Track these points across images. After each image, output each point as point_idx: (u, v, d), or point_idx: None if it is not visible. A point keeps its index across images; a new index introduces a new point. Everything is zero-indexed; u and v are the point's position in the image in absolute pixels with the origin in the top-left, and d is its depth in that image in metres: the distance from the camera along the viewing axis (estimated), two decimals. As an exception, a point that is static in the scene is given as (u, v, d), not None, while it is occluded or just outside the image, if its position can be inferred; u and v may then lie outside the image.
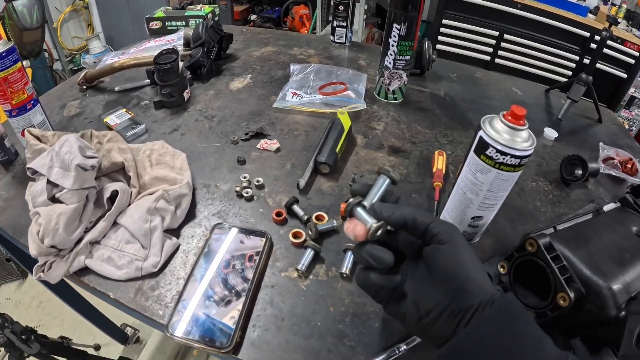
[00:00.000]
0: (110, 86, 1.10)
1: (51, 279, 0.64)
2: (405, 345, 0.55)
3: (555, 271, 0.50)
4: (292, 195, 0.77)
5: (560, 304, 0.49)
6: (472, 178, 0.61)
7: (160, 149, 0.78)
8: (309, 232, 0.71)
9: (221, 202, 0.77)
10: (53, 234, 0.62)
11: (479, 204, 0.63)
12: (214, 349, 0.55)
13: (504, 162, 0.56)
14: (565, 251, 0.53)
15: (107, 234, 0.67)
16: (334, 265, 0.68)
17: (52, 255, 0.64)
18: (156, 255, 0.65)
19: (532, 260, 0.53)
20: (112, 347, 1.61)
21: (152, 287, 0.63)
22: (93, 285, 0.63)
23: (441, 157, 0.87)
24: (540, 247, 0.52)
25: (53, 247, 0.63)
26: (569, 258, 0.52)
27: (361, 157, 0.90)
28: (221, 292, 0.60)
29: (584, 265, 0.52)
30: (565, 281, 0.50)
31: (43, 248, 0.62)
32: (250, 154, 0.88)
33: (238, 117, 0.99)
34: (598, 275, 0.51)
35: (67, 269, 0.64)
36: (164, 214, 0.69)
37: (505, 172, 0.57)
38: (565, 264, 0.51)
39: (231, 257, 0.65)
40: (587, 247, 0.54)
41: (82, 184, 0.65)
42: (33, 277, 0.65)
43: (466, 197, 0.63)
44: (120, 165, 0.72)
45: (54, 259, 0.64)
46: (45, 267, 0.64)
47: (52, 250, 0.63)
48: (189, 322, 0.57)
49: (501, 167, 0.57)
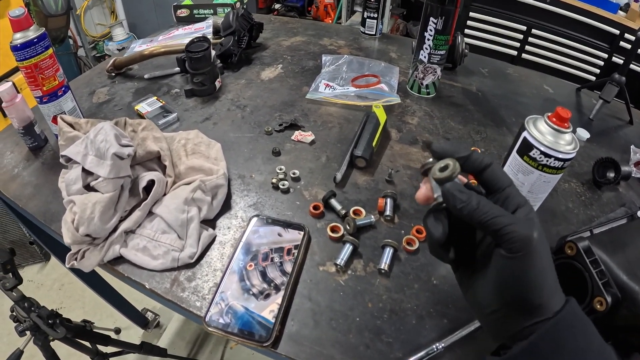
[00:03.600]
0: (139, 73, 1.09)
1: (84, 267, 0.63)
2: (442, 344, 0.53)
3: (593, 275, 0.50)
4: (328, 189, 0.75)
5: (597, 308, 0.49)
6: (514, 178, 0.59)
7: (195, 138, 0.76)
8: (347, 227, 0.69)
9: (257, 193, 0.75)
10: (88, 222, 0.61)
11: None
12: (254, 343, 0.54)
13: (547, 164, 0.56)
14: (603, 255, 0.52)
15: (142, 224, 0.66)
16: (371, 260, 0.66)
17: (85, 243, 0.63)
18: (193, 246, 0.63)
19: (570, 263, 0.53)
20: (131, 331, 1.62)
21: (189, 278, 0.61)
22: (127, 275, 0.62)
23: None
24: (580, 251, 0.52)
25: (88, 235, 0.62)
26: (607, 263, 0.51)
27: (396, 152, 0.88)
28: (260, 285, 0.59)
29: (621, 270, 0.51)
30: (603, 286, 0.49)
31: (78, 237, 0.61)
32: (285, 145, 0.86)
33: (270, 107, 0.97)
34: (635, 281, 0.50)
35: (101, 257, 0.62)
36: (200, 205, 0.67)
37: (547, 174, 0.57)
38: (602, 269, 0.50)
39: (270, 250, 0.63)
40: (623, 253, 0.53)
41: (118, 173, 0.64)
42: (66, 265, 0.64)
43: None
44: (156, 154, 0.71)
45: (87, 247, 0.63)
46: (78, 255, 0.63)
47: (87, 239, 0.62)
48: (227, 315, 0.55)
49: (544, 169, 0.56)
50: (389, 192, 0.75)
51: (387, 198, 0.75)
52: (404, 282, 0.64)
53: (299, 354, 0.54)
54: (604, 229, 0.62)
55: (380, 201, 0.74)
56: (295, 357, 0.54)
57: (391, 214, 0.73)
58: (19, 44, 0.73)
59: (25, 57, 0.74)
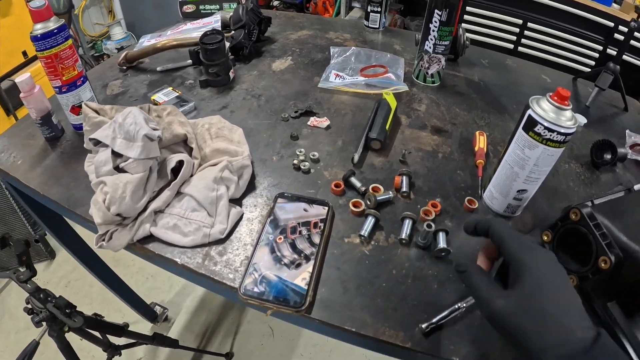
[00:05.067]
0: (150, 67, 1.12)
1: (114, 247, 0.65)
2: (464, 304, 0.57)
3: (597, 237, 0.54)
4: (346, 169, 0.79)
5: (602, 267, 0.52)
6: (520, 153, 0.64)
7: (218, 122, 0.79)
8: (368, 202, 0.73)
9: (279, 174, 0.79)
10: (120, 201, 0.63)
11: (525, 178, 0.66)
12: (289, 309, 0.57)
13: (551, 139, 0.60)
14: (604, 221, 0.56)
15: (172, 203, 0.69)
16: (392, 232, 0.70)
17: (115, 224, 0.66)
18: (222, 223, 0.66)
19: (575, 228, 0.57)
20: (140, 325, 1.64)
21: (220, 253, 0.65)
22: (158, 253, 0.65)
23: (482, 137, 0.89)
24: (583, 216, 0.56)
25: (118, 215, 0.65)
26: (608, 227, 0.55)
27: (407, 136, 0.92)
28: (290, 255, 0.62)
29: (622, 233, 0.55)
30: (606, 246, 0.53)
31: (109, 216, 0.64)
32: (302, 130, 0.90)
33: (284, 96, 1.00)
34: (635, 242, 0.54)
35: (131, 237, 0.65)
36: (228, 184, 0.70)
37: (551, 147, 0.61)
38: (605, 232, 0.54)
39: (297, 224, 0.67)
40: (623, 219, 0.57)
41: (148, 154, 0.67)
42: (95, 245, 0.67)
43: (513, 171, 0.67)
44: (182, 137, 0.74)
45: (115, 228, 0.66)
46: (106, 236, 0.65)
47: (117, 219, 0.65)
48: (261, 284, 0.58)
49: (548, 143, 0.61)
50: (404, 170, 0.79)
51: (403, 176, 0.78)
52: (423, 251, 0.68)
53: (332, 318, 0.57)
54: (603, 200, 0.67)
55: (397, 179, 0.78)
56: (328, 321, 0.57)
57: (407, 190, 0.77)
58: (40, 34, 0.75)
59: (45, 47, 0.76)
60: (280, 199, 0.70)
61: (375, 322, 0.58)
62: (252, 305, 0.58)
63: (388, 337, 0.56)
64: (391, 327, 0.57)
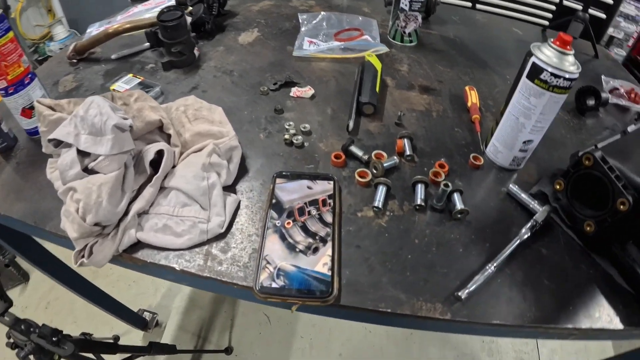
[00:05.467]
0: (103, 56, 0.98)
1: (97, 263, 0.54)
2: (494, 264, 0.54)
3: (613, 180, 0.52)
4: (342, 139, 0.72)
5: (621, 209, 0.51)
6: (526, 103, 0.62)
7: (194, 103, 0.69)
8: (374, 171, 0.66)
9: (271, 152, 0.70)
10: (96, 208, 0.53)
11: (531, 128, 0.64)
12: (316, 300, 0.49)
13: (557, 85, 0.58)
14: (615, 163, 0.55)
15: (156, 201, 0.59)
16: (405, 199, 0.64)
17: (94, 235, 0.55)
18: (220, 215, 0.57)
19: (588, 174, 0.56)
20: (132, 335, 1.52)
21: (223, 249, 0.56)
22: (151, 261, 0.55)
23: (473, 92, 0.85)
24: (597, 160, 0.54)
25: (97, 225, 0.54)
26: (620, 169, 0.54)
27: (396, 98, 0.86)
28: (304, 240, 0.54)
29: (634, 174, 0.54)
30: (622, 188, 0.52)
31: (86, 227, 0.53)
32: (285, 103, 0.81)
33: (259, 69, 0.90)
34: None
35: (115, 247, 0.55)
36: (218, 170, 0.61)
37: (557, 94, 0.59)
38: (618, 174, 0.53)
39: (304, 204, 0.58)
40: (630, 160, 0.57)
41: (121, 148, 0.56)
42: (74, 264, 0.55)
43: (519, 122, 0.64)
44: (157, 123, 0.63)
45: (95, 240, 0.55)
46: (86, 251, 0.54)
47: (96, 229, 0.54)
48: (279, 278, 0.50)
49: (554, 90, 0.58)
50: (405, 132, 0.72)
51: (405, 139, 0.72)
52: (440, 215, 0.62)
53: (364, 302, 0.50)
54: (604, 143, 0.68)
55: (399, 142, 0.71)
56: (360, 305, 0.50)
57: (411, 153, 0.70)
58: (-28, 28, 0.62)
59: (-18, 44, 0.63)
60: (279, 179, 0.62)
61: (409, 298, 0.51)
62: (273, 302, 0.49)
63: (426, 312, 0.51)
64: (427, 300, 0.52)
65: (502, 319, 0.50)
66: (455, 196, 0.62)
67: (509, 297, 0.53)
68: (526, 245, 0.58)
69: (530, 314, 0.51)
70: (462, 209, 0.61)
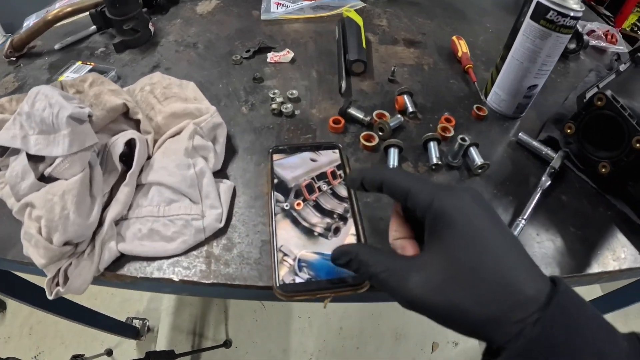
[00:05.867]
0: (46, 48, 0.84)
1: (76, 289, 0.43)
2: (524, 218, 0.49)
3: (627, 118, 0.50)
4: (335, 102, 0.64)
5: (637, 147, 0.49)
6: (530, 45, 0.58)
7: (161, 80, 0.57)
8: (380, 133, 0.57)
9: (259, 126, 0.60)
10: (63, 224, 0.42)
11: (537, 72, 0.60)
12: (349, 290, 0.40)
13: (564, 24, 0.55)
14: (625, 102, 0.52)
15: (135, 202, 0.48)
16: (418, 160, 0.57)
17: (67, 256, 0.44)
18: (215, 207, 0.47)
19: (600, 114, 0.53)
20: (125, 346, 1.41)
21: (227, 247, 0.46)
22: (142, 276, 0.44)
23: (462, 41, 0.79)
24: (609, 99, 0.51)
25: (67, 244, 0.43)
26: (631, 107, 0.52)
27: (383, 54, 0.78)
28: (321, 221, 0.45)
29: None
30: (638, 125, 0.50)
31: (54, 249, 0.42)
32: (264, 70, 0.70)
33: (226, 38, 0.78)
34: None
35: (95, 267, 0.44)
36: (205, 154, 0.51)
37: (562, 34, 0.56)
38: (630, 112, 0.50)
39: (311, 179, 0.49)
40: (634, 97, 0.55)
41: (82, 144, 0.45)
42: (49, 296, 0.45)
43: (523, 67, 0.60)
44: (120, 109, 0.52)
45: (69, 262, 0.44)
46: (60, 278, 0.44)
47: (67, 250, 0.43)
48: (302, 270, 0.41)
49: (561, 30, 0.55)
50: (404, 88, 0.64)
51: (405, 95, 0.64)
52: (458, 172, 0.56)
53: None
54: (604, 83, 0.66)
55: (400, 99, 0.63)
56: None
57: (414, 110, 0.62)
58: None
59: None
60: (276, 155, 0.52)
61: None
62: (301, 299, 0.40)
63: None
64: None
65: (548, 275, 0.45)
66: (472, 150, 0.56)
67: (543, 251, 0.48)
68: (546, 193, 0.54)
69: (565, 263, 0.47)
70: (483, 163, 0.54)
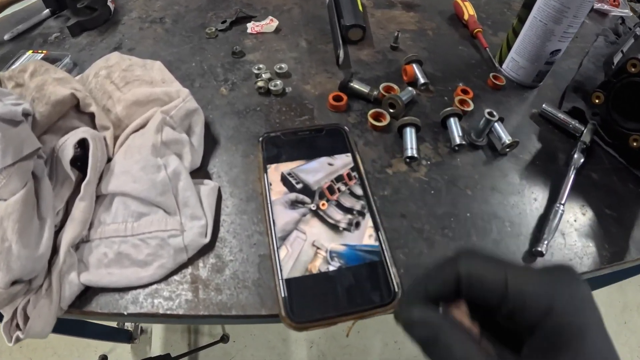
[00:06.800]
0: (-8, 40, 0.71)
1: (38, 334, 0.33)
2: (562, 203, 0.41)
3: None
4: (331, 75, 0.53)
5: None
6: (556, 4, 0.49)
7: (120, 62, 0.45)
8: (390, 110, 0.46)
9: (244, 108, 0.48)
10: (5, 259, 0.30)
11: (562, 34, 0.51)
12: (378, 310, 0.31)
13: None
14: None
15: (97, 219, 0.37)
16: (436, 140, 0.46)
17: (20, 297, 0.33)
18: (197, 217, 0.36)
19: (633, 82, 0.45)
20: (119, 350, 1.31)
21: (217, 268, 0.35)
22: (112, 311, 0.34)
23: (467, 3, 0.68)
24: None
25: (16, 283, 0.32)
26: None
27: (381, 18, 0.66)
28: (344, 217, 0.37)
29: None
30: None
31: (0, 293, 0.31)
32: (244, 43, 0.58)
33: (197, 10, 0.65)
34: None
35: (56, 306, 0.33)
36: (178, 150, 0.39)
37: None
38: None
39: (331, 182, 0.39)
40: None
41: (20, 151, 0.33)
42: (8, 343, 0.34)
43: (546, 29, 0.51)
44: (69, 101, 0.40)
45: (26, 299, 0.33)
46: (19, 318, 0.33)
47: (17, 289, 0.31)
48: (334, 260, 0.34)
49: None
50: (412, 56, 0.53)
51: (414, 63, 0.53)
52: (483, 152, 0.46)
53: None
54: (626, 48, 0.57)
55: (409, 69, 0.52)
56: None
57: (426, 81, 0.52)
58: None
59: None
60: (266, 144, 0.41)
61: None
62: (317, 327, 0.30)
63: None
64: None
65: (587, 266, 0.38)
66: (497, 126, 0.46)
67: (583, 239, 0.40)
68: (577, 172, 0.45)
69: (605, 251, 0.39)
70: (512, 141, 0.45)
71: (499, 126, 0.46)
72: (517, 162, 0.46)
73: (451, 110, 0.46)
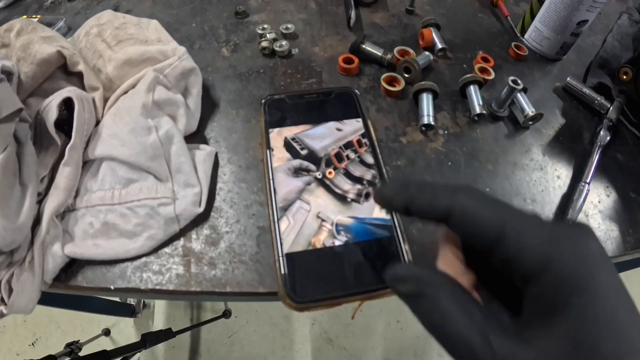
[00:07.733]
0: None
1: (22, 309, 0.29)
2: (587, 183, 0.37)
3: None
4: (342, 37, 0.48)
5: None
6: None
7: (113, 20, 0.40)
8: (405, 75, 0.42)
9: (246, 70, 0.44)
10: None
11: (590, 3, 0.45)
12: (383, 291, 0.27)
13: None
14: None
15: (83, 186, 0.33)
16: (455, 109, 0.42)
17: (3, 267, 0.30)
18: (191, 184, 0.32)
19: None
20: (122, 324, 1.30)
21: (211, 241, 0.31)
22: (99, 286, 0.30)
23: None
24: None
25: None
26: None
27: None
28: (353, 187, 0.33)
29: None
30: None
31: None
32: (248, 2, 0.53)
33: (198, -32, 0.61)
34: None
35: (39, 280, 0.30)
36: (171, 111, 0.35)
37: None
38: None
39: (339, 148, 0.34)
40: None
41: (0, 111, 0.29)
42: None
43: None
44: (55, 60, 0.35)
45: (8, 274, 0.29)
46: (2, 292, 0.29)
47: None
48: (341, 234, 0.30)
49: None
50: (431, 19, 0.48)
51: (431, 27, 0.48)
52: (504, 125, 0.42)
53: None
54: None
55: (426, 33, 0.47)
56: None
57: (444, 46, 0.47)
58: None
59: None
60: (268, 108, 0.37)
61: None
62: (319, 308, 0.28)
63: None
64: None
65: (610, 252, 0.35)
66: (520, 97, 0.41)
67: (607, 222, 0.36)
68: (602, 151, 0.40)
69: (629, 237, 0.36)
70: (536, 113, 0.40)
71: (522, 97, 0.41)
72: (540, 137, 0.41)
73: (472, 77, 0.41)
